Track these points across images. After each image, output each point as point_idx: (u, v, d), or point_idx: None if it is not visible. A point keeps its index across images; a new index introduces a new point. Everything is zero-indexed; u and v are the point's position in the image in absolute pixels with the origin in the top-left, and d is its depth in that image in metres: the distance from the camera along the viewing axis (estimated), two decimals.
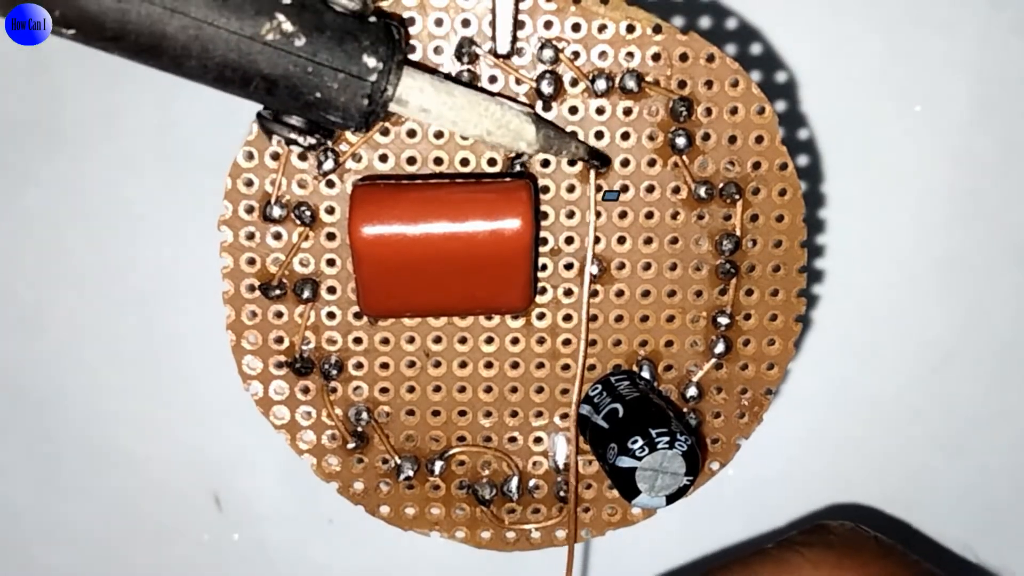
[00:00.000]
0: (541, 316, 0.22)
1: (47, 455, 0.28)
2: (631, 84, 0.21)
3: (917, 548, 0.30)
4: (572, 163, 0.21)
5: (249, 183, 0.21)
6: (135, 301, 0.27)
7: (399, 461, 0.23)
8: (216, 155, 0.26)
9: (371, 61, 0.18)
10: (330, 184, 0.21)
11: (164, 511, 0.29)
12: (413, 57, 0.21)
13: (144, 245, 0.27)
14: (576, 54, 0.21)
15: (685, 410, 0.23)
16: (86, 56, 0.26)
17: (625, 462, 0.20)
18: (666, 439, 0.20)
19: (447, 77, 0.20)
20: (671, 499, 0.21)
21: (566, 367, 0.23)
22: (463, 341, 0.22)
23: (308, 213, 0.21)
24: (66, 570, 0.30)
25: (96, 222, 0.27)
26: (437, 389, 0.23)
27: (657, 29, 0.21)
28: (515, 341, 0.22)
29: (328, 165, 0.21)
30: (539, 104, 0.21)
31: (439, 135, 0.21)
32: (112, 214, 0.27)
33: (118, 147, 0.26)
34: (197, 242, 0.26)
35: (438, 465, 0.23)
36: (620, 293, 0.22)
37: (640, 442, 0.20)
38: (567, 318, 0.22)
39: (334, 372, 0.22)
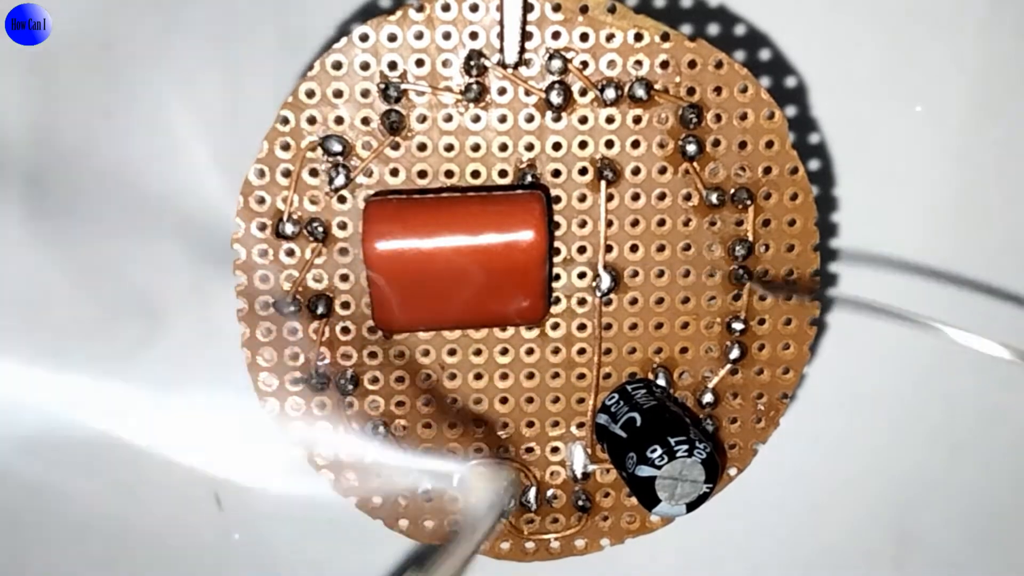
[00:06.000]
0: (555, 326, 0.22)
1: (47, 454, 0.28)
2: (640, 92, 0.21)
3: (916, 549, 0.30)
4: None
5: (261, 201, 0.21)
6: (135, 300, 0.27)
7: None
8: (216, 155, 0.26)
9: None
10: (342, 200, 0.21)
11: (164, 511, 0.29)
12: (420, 72, 0.21)
13: (144, 244, 0.27)
14: (585, 64, 0.21)
15: (702, 416, 0.23)
16: (86, 56, 0.26)
17: (644, 471, 0.20)
18: (685, 447, 0.20)
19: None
20: (691, 507, 0.20)
21: (581, 376, 0.23)
22: (478, 353, 0.22)
23: (321, 229, 0.21)
24: (66, 570, 0.30)
25: (96, 221, 0.27)
26: (453, 402, 0.23)
27: (665, 37, 0.21)
28: (530, 352, 0.22)
29: (339, 181, 0.21)
30: (548, 114, 0.21)
31: (449, 148, 0.21)
32: (112, 213, 0.27)
33: (118, 147, 0.26)
34: (197, 241, 0.26)
35: (456, 478, 0.23)
36: (634, 301, 0.22)
37: (659, 451, 0.20)
38: (581, 327, 0.22)
39: (350, 387, 0.22)
